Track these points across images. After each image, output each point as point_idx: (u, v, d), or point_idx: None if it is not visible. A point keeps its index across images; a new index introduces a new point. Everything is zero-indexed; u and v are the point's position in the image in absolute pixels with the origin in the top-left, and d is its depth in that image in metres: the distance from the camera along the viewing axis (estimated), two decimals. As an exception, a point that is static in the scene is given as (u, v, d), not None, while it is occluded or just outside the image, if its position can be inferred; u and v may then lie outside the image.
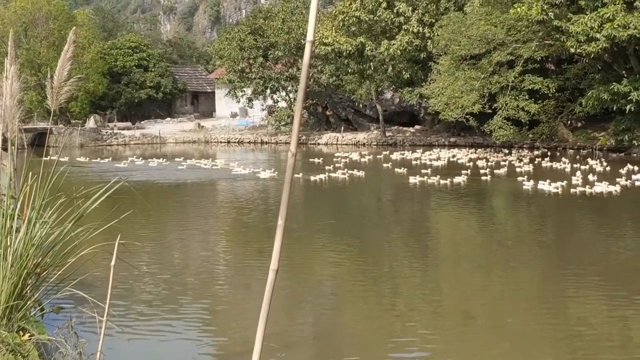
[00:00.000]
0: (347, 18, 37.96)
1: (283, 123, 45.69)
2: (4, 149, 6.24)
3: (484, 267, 10.36)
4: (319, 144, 42.56)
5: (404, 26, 37.04)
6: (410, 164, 27.37)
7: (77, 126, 46.93)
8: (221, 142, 46.83)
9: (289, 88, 46.78)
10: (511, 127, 30.30)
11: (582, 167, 23.72)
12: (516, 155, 30.34)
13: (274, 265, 3.14)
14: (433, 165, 27.00)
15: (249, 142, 46.11)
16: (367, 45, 38.27)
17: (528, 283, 9.50)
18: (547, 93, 30.80)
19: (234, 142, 46.62)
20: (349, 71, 40.57)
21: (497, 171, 23.74)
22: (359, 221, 15.54)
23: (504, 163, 26.01)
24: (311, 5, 2.89)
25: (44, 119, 45.77)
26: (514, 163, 26.25)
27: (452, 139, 38.58)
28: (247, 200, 19.13)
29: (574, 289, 8.91)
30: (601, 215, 15.43)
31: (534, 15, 26.34)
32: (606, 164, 24.32)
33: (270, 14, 47.23)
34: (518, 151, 32.85)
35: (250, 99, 48.75)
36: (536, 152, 31.54)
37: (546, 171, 23.96)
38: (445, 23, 32.79)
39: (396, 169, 25.01)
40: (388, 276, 9.86)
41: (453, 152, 32.17)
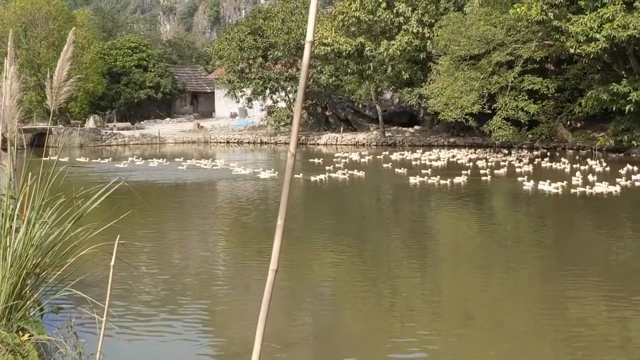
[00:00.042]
0: (347, 18, 37.98)
1: (282, 123, 45.69)
2: (4, 149, 6.24)
3: (484, 268, 10.36)
4: (319, 144, 42.56)
5: (404, 26, 37.07)
6: (410, 164, 27.38)
7: (77, 126, 46.91)
8: (220, 143, 46.81)
9: (289, 88, 46.78)
10: (510, 128, 30.31)
11: (582, 168, 23.74)
12: (516, 155, 30.35)
13: (274, 265, 3.14)
14: (433, 165, 27.00)
15: (249, 143, 46.10)
16: (367, 45, 38.29)
17: (528, 284, 9.50)
18: (547, 93, 30.82)
19: (234, 143, 46.61)
20: (349, 71, 40.58)
21: (497, 171, 23.75)
22: (359, 221, 15.54)
23: (504, 163, 26.01)
24: (311, 5, 2.89)
25: (44, 119, 45.77)
26: (514, 163, 26.26)
27: (452, 140, 38.61)
28: (247, 200, 19.12)
29: (574, 290, 8.91)
30: (601, 215, 15.44)
31: (534, 15, 26.35)
32: (605, 165, 24.33)
33: (269, 14, 47.25)
34: (517, 151, 32.87)
35: (249, 99, 48.77)
36: (535, 153, 31.56)
37: (546, 171, 23.96)
38: (444, 23, 32.80)
39: (396, 169, 25.01)
40: (387, 277, 9.86)
41: (452, 153, 32.17)
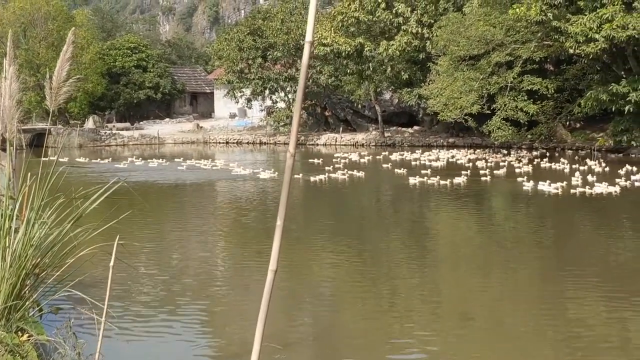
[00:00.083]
0: (346, 19, 37.99)
1: (282, 124, 45.69)
2: (3, 150, 6.24)
3: (483, 268, 10.36)
4: (318, 145, 42.56)
5: (403, 27, 37.08)
6: (409, 165, 27.39)
7: (76, 127, 46.91)
8: (220, 143, 46.81)
9: (288, 89, 46.79)
10: (510, 128, 30.32)
11: (581, 168, 23.74)
12: (515, 155, 30.35)
13: (273, 265, 3.13)
14: (432, 165, 27.00)
15: (248, 143, 46.09)
16: (366, 45, 38.30)
17: (527, 284, 9.50)
18: (546, 94, 30.83)
19: (233, 143, 46.60)
20: (348, 72, 40.57)
21: (497, 172, 23.75)
22: (359, 222, 15.53)
23: (503, 164, 26.02)
24: (310, 5, 2.89)
25: (43, 120, 45.79)
26: (513, 164, 26.27)
27: (451, 140, 38.62)
28: (247, 200, 19.12)
29: (573, 290, 8.91)
30: (601, 216, 15.44)
31: (533, 15, 26.35)
32: (605, 165, 24.34)
33: (269, 15, 47.25)
34: (517, 152, 32.87)
35: (249, 100, 48.77)
36: (535, 153, 31.56)
37: (545, 172, 23.97)
38: (444, 24, 32.81)
39: (396, 170, 25.02)
40: (387, 277, 9.85)
41: (452, 153, 32.18)
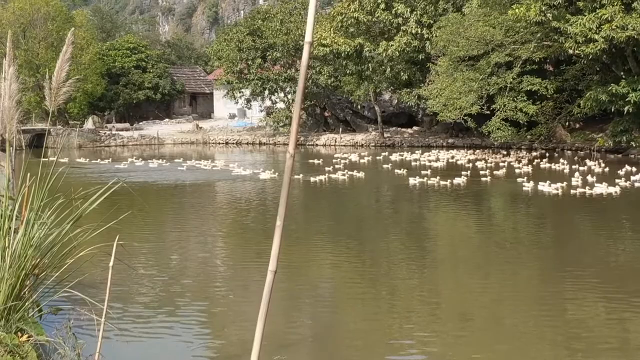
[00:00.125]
0: (346, 19, 38.00)
1: (281, 124, 45.67)
2: (3, 150, 6.24)
3: (483, 269, 10.36)
4: (317, 145, 42.56)
5: (403, 27, 37.09)
6: (409, 165, 27.39)
7: (76, 127, 46.89)
8: (219, 143, 46.80)
9: (287, 89, 46.78)
10: (509, 128, 30.34)
11: (581, 168, 23.75)
12: (515, 156, 30.35)
13: (272, 266, 3.14)
14: (432, 166, 26.99)
15: (247, 143, 46.08)
16: (366, 46, 38.31)
17: (527, 285, 9.49)
18: (546, 94, 30.86)
19: (232, 143, 46.59)
20: (347, 72, 40.59)
21: (497, 172, 23.76)
22: (358, 222, 15.52)
23: (503, 164, 26.03)
24: (309, 6, 2.89)
25: (42, 120, 45.79)
26: (513, 164, 26.27)
27: (451, 140, 38.63)
28: (246, 201, 19.11)
29: (573, 291, 8.91)
30: (600, 216, 15.44)
31: (532, 16, 26.36)
32: (604, 165, 24.35)
33: (268, 15, 47.22)
34: (516, 152, 32.88)
35: (248, 100, 48.73)
36: (534, 153, 31.57)
37: (545, 172, 23.98)
38: (443, 24, 32.83)
39: (396, 170, 25.02)
40: (386, 278, 9.85)
41: (452, 153, 32.18)
